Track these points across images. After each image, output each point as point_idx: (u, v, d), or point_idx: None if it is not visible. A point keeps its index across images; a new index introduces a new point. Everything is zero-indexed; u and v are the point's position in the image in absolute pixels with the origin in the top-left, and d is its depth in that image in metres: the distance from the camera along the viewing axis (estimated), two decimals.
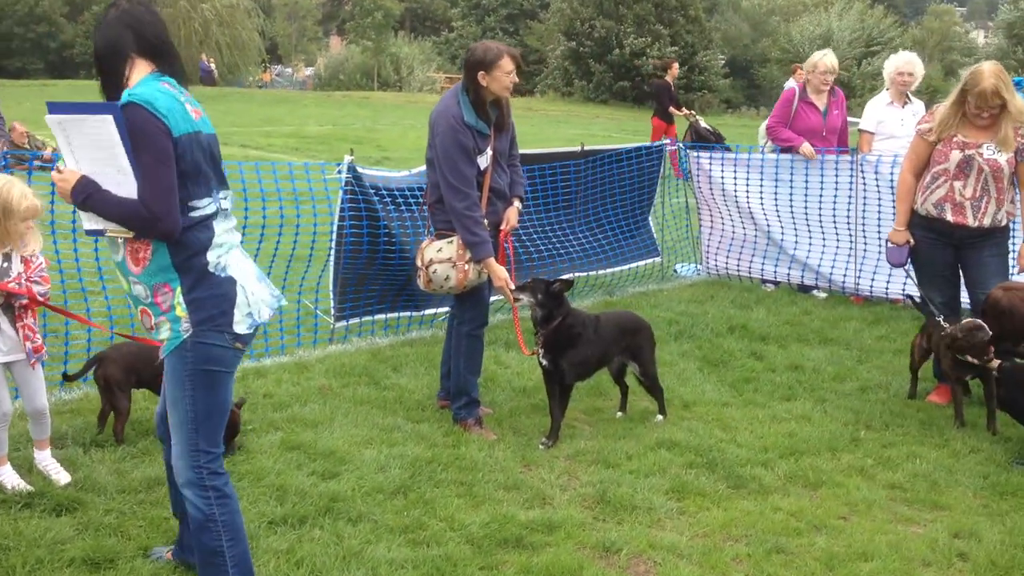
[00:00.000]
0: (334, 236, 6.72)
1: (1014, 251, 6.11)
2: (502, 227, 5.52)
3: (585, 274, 8.50)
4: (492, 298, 6.54)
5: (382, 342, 7.00)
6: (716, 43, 47.16)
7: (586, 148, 8.47)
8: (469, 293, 5.42)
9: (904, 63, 8.50)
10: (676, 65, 18.38)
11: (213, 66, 48.37)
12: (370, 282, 6.94)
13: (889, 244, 6.19)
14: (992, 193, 5.80)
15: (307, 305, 7.04)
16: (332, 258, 6.77)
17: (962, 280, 6.10)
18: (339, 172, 6.64)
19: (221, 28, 50.94)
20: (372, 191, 6.81)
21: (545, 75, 48.88)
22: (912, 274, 6.30)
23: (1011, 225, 6.01)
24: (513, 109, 5.72)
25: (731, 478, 4.97)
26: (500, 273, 5.28)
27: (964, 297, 6.20)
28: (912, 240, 6.08)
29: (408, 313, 7.32)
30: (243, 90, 45.03)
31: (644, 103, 41.41)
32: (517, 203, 5.60)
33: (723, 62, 48.63)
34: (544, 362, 5.42)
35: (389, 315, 7.23)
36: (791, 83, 18.23)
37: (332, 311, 6.88)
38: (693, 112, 15.16)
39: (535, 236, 8.01)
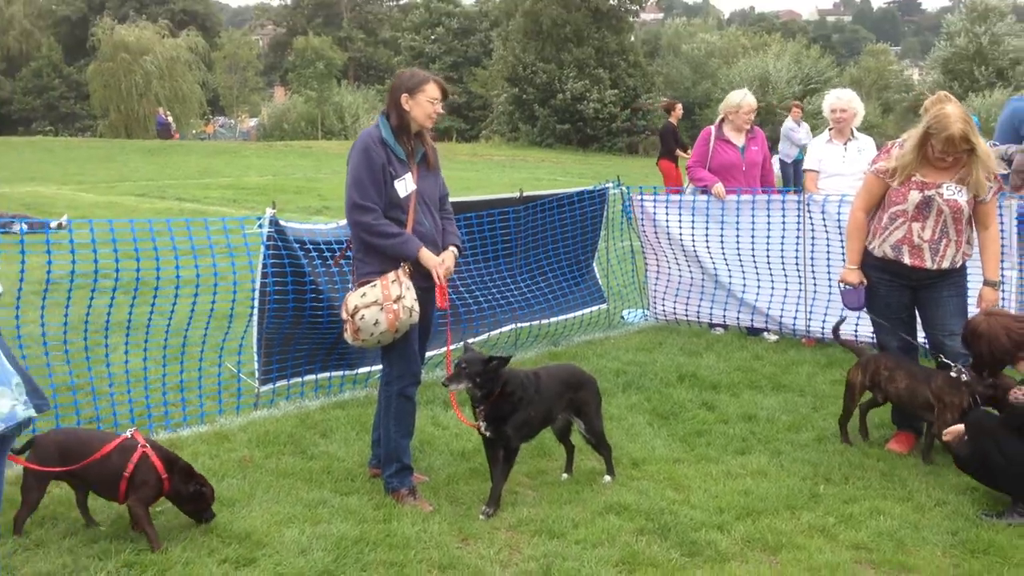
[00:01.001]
0: (257, 294, 6.29)
1: (972, 290, 5.88)
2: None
3: (528, 324, 8.15)
4: (430, 352, 6.18)
5: (312, 405, 6.55)
6: (658, 86, 47.54)
7: (525, 194, 8.15)
8: (397, 347, 5.02)
9: (835, 100, 8.37)
10: (680, 106, 18.27)
11: (170, 119, 47.93)
12: (297, 341, 6.51)
13: (843, 286, 5.91)
14: (951, 235, 5.56)
15: (229, 368, 6.59)
16: (255, 317, 6.34)
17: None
18: (260, 227, 6.24)
19: (162, 81, 50.45)
20: (297, 245, 6.41)
21: (490, 120, 48.96)
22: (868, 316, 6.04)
23: (966, 264, 5.77)
24: (459, 156, 5.41)
25: (685, 544, 4.60)
26: (433, 260, 4.95)
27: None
28: (865, 280, 5.82)
29: (340, 372, 6.89)
30: (184, 142, 44.46)
31: (589, 146, 41.60)
32: (453, 248, 5.22)
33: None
34: (487, 433, 5.05)
35: (320, 375, 6.80)
36: (790, 122, 18.37)
37: (256, 374, 6.43)
38: None
39: (474, 287, 7.64)
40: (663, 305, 9.07)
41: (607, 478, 5.42)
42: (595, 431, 5.42)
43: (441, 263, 5.00)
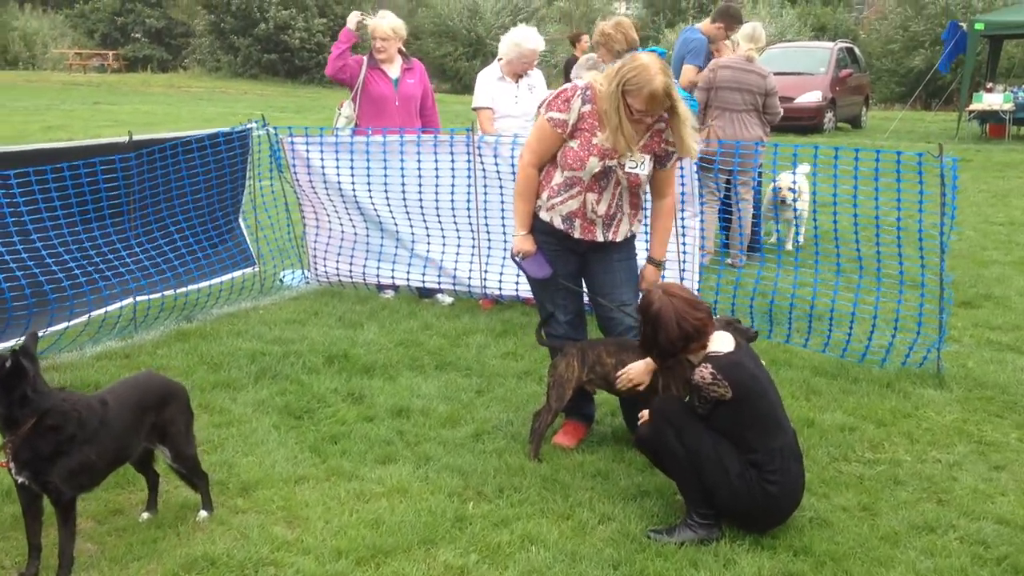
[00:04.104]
0: None
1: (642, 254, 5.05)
2: None
3: (147, 298, 6.66)
4: None
5: None
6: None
7: (136, 138, 6.59)
8: None
9: (539, 42, 7.42)
10: (586, 37, 16.51)
11: None
12: None
13: (518, 257, 4.87)
14: (626, 210, 4.69)
15: None
16: None
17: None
18: None
19: None
20: None
21: (192, 49, 45.34)
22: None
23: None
24: (153, 87, 3.85)
25: None
26: None
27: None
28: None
29: None
30: None
31: (298, 78, 39.28)
32: None
33: None
34: (20, 479, 3.65)
35: None
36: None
37: None
38: None
39: (67, 258, 6.06)
40: (324, 265, 7.83)
41: (203, 514, 4.18)
42: (185, 458, 4.14)
43: None
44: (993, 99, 21.17)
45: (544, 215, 4.72)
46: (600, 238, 4.67)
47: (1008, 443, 4.94)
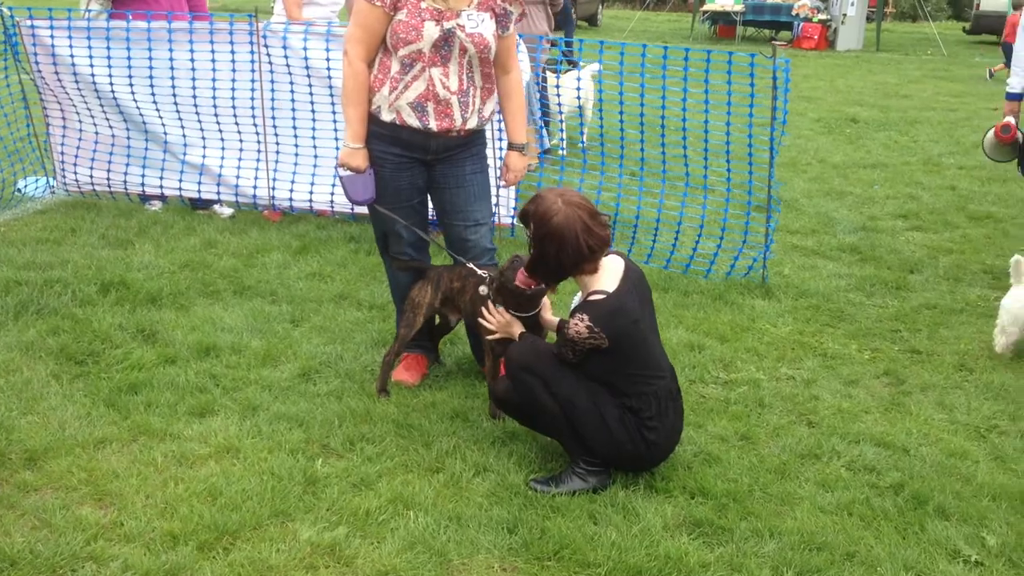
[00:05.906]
0: None
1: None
2: None
3: None
4: None
5: None
6: None
7: None
8: None
9: None
10: None
11: None
12: None
13: (343, 172, 4.14)
14: (477, 82, 4.06)
15: None
16: None
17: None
18: None
19: None
20: None
21: None
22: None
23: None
24: None
25: None
26: None
27: None
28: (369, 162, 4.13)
29: None
30: None
31: None
32: None
33: None
34: None
35: None
36: None
37: None
38: None
39: None
40: (75, 173, 6.70)
41: None
42: None
43: None
44: (725, 0, 21.92)
45: (387, 115, 4.01)
46: (458, 121, 4.01)
47: (850, 355, 4.90)
